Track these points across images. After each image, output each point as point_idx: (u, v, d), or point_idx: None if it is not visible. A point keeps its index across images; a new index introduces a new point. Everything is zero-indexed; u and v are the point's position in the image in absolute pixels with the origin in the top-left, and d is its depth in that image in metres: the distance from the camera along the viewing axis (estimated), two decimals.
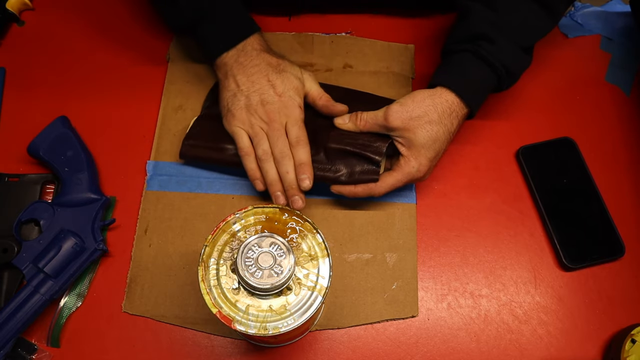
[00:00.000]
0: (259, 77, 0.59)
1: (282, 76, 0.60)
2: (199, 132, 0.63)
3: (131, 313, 0.59)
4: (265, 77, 0.59)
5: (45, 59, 0.71)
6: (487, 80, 0.58)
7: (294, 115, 0.59)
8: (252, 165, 0.59)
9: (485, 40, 0.57)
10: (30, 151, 0.62)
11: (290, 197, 0.57)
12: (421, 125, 0.56)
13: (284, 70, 0.60)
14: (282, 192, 0.58)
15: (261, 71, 0.59)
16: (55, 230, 0.58)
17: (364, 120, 0.59)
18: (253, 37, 0.61)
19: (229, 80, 0.60)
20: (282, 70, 0.60)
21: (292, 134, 0.58)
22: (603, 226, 0.63)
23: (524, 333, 0.59)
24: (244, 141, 0.59)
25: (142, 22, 0.73)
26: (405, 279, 0.60)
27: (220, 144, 0.61)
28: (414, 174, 0.57)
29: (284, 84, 0.59)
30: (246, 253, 0.43)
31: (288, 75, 0.60)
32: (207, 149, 0.62)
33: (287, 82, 0.59)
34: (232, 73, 0.60)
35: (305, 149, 0.58)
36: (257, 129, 0.59)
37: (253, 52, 0.60)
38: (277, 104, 0.59)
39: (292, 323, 0.43)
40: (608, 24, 0.75)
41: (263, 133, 0.59)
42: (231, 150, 0.61)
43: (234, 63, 0.60)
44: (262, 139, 0.58)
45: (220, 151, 0.61)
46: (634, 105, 0.70)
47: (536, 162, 0.65)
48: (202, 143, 0.62)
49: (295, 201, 0.57)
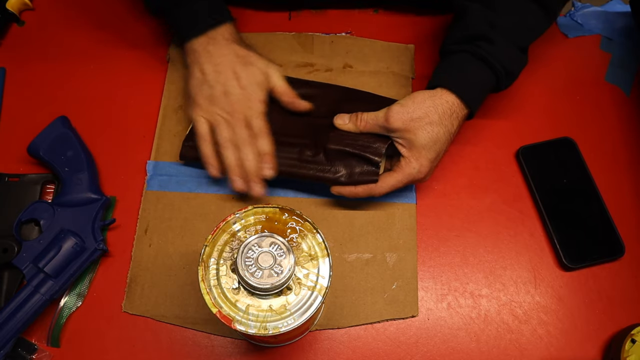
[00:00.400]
0: (225, 68, 0.60)
1: (248, 69, 0.60)
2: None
3: (131, 313, 0.59)
4: (231, 69, 0.60)
5: (45, 59, 0.71)
6: (487, 80, 0.58)
7: (256, 109, 0.60)
8: (207, 151, 0.60)
9: (485, 40, 0.57)
10: (30, 151, 0.62)
11: (250, 183, 0.58)
12: (422, 126, 0.56)
13: (250, 63, 0.61)
14: (241, 177, 0.59)
15: (228, 62, 0.60)
16: (55, 230, 0.58)
17: (364, 121, 0.59)
18: (225, 26, 0.61)
19: (196, 68, 0.61)
20: (248, 63, 0.60)
21: (255, 125, 0.59)
22: (603, 226, 0.63)
23: (523, 333, 0.59)
24: (203, 128, 0.60)
25: (142, 22, 0.73)
26: (405, 279, 0.60)
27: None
28: (414, 175, 0.57)
29: (248, 77, 0.60)
30: (246, 253, 0.43)
31: (254, 69, 0.60)
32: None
33: (252, 75, 0.60)
34: (200, 61, 0.61)
35: (267, 139, 0.59)
36: (219, 118, 0.60)
37: (223, 41, 0.61)
38: (240, 96, 0.59)
39: (292, 323, 0.43)
40: (608, 24, 0.75)
41: (225, 122, 0.59)
42: None
43: (203, 51, 0.61)
44: (223, 127, 0.59)
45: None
46: (634, 105, 0.70)
47: (536, 162, 0.65)
48: None
49: (254, 187, 0.58)
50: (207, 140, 0.60)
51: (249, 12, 0.73)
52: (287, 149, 0.61)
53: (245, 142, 0.59)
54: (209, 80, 0.60)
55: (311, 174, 0.59)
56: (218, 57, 0.60)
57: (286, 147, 0.61)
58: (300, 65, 0.70)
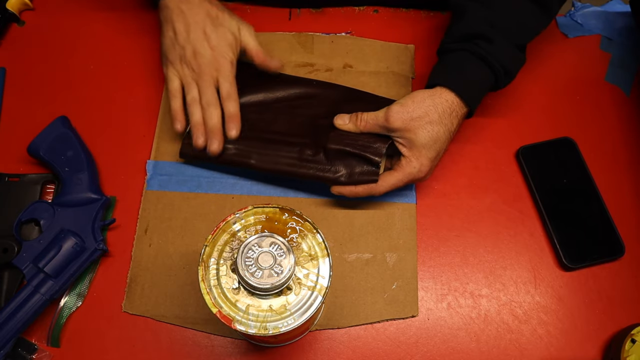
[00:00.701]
0: (195, 28, 0.60)
1: (218, 30, 0.61)
2: None
3: (131, 313, 0.59)
4: (201, 29, 0.60)
5: (45, 59, 0.71)
6: (486, 79, 0.59)
7: (225, 70, 0.61)
8: (176, 106, 0.62)
9: (483, 39, 0.57)
10: (30, 151, 0.62)
11: (209, 139, 0.60)
12: (422, 125, 0.56)
13: (221, 24, 0.61)
14: (203, 134, 0.60)
15: (198, 22, 0.61)
16: (55, 230, 0.58)
17: (364, 120, 0.59)
18: None
19: (168, 27, 0.62)
20: (219, 24, 0.61)
21: (224, 89, 0.61)
22: (603, 226, 0.63)
23: (523, 333, 0.59)
24: (174, 85, 0.62)
25: (143, 22, 0.73)
26: (405, 278, 0.60)
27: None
28: (415, 174, 0.57)
29: (218, 38, 0.60)
30: (246, 253, 0.43)
31: (224, 30, 0.61)
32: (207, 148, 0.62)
33: (222, 36, 0.61)
34: (172, 19, 0.61)
35: (235, 103, 0.61)
36: (189, 79, 0.61)
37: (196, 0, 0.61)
38: (209, 57, 0.60)
39: (292, 323, 0.43)
40: (608, 24, 0.75)
41: (194, 82, 0.61)
42: (231, 149, 0.61)
43: (175, 8, 0.61)
44: (191, 87, 0.61)
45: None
46: (633, 105, 0.70)
47: (536, 162, 0.65)
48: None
49: (212, 143, 0.60)
50: (176, 96, 0.62)
51: (249, 12, 0.73)
52: (287, 149, 0.61)
53: (210, 104, 0.60)
54: (180, 40, 0.61)
55: (311, 173, 0.59)
56: (190, 17, 0.61)
57: (286, 147, 0.61)
58: (300, 65, 0.70)
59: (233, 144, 0.61)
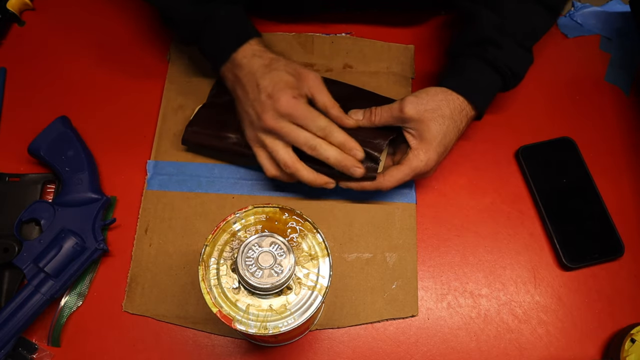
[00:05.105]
0: (251, 87, 0.57)
1: (272, 75, 0.56)
2: (202, 119, 0.63)
3: (132, 312, 0.59)
4: (254, 84, 0.57)
5: (46, 59, 0.71)
6: (495, 84, 0.60)
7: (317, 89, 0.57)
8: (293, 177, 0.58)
9: (493, 45, 0.58)
10: (30, 151, 0.62)
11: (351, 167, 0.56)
12: (434, 117, 0.56)
13: (275, 68, 0.57)
14: (355, 164, 0.56)
15: (250, 80, 0.57)
16: (55, 230, 0.58)
17: (378, 115, 0.59)
18: (243, 47, 0.59)
19: (234, 95, 0.61)
20: (272, 69, 0.57)
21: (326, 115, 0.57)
22: (603, 226, 0.63)
23: (523, 332, 0.59)
24: (265, 166, 0.59)
25: (143, 22, 0.73)
26: (405, 278, 0.61)
27: (222, 132, 0.62)
28: (421, 167, 0.57)
29: (272, 82, 0.56)
30: (246, 252, 0.43)
31: (278, 72, 0.57)
32: (209, 136, 0.62)
33: (277, 78, 0.56)
34: (233, 87, 0.60)
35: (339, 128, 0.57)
36: (269, 142, 0.57)
37: (243, 60, 0.58)
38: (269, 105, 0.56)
39: (292, 322, 0.43)
40: (608, 24, 0.75)
41: (276, 141, 0.57)
42: (232, 138, 0.61)
43: (231, 76, 0.60)
44: (278, 148, 0.57)
45: (223, 139, 0.62)
46: (633, 105, 0.70)
47: (536, 162, 0.66)
48: (205, 130, 0.62)
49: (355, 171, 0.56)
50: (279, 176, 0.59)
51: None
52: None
53: (327, 130, 0.56)
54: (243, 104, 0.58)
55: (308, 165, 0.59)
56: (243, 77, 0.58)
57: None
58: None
59: (235, 134, 0.61)
